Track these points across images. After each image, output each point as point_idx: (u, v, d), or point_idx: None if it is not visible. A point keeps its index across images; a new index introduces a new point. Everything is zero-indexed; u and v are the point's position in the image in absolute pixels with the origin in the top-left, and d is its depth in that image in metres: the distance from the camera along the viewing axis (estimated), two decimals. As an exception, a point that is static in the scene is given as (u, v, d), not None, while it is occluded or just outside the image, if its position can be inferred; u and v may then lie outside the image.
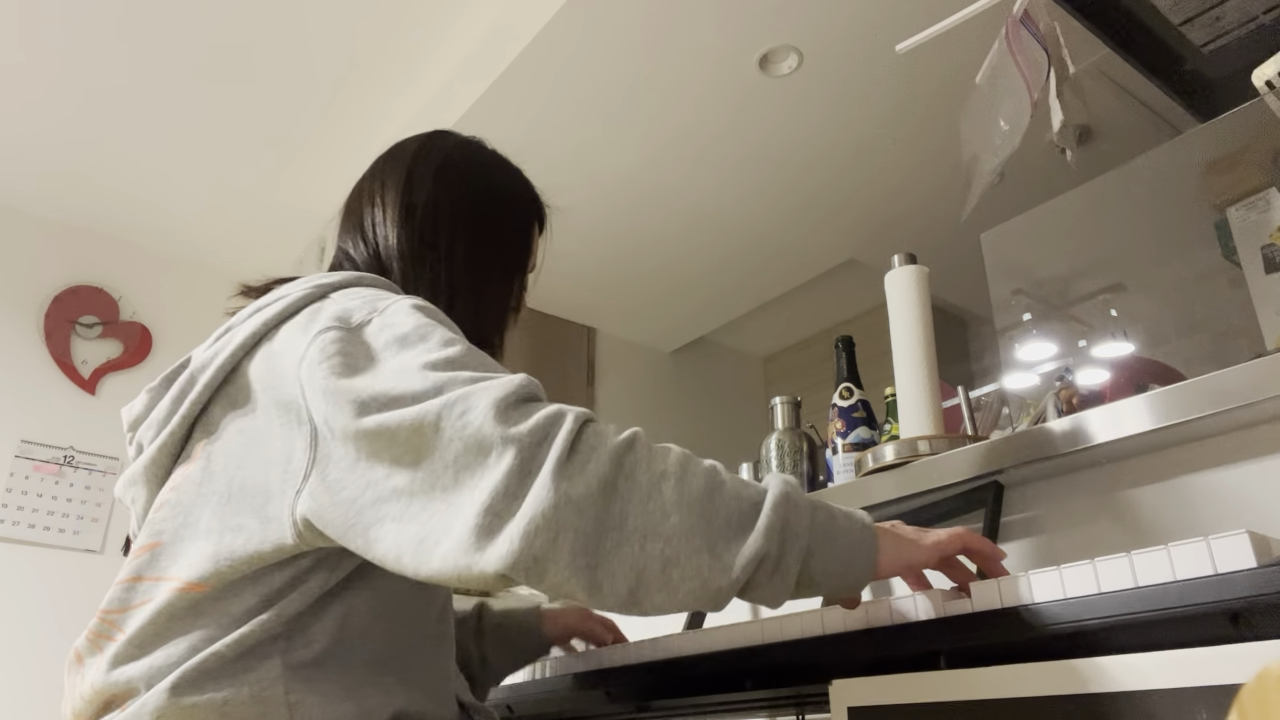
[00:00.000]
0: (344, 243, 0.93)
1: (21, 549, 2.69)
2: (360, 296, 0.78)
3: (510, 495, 0.61)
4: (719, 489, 0.65)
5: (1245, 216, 1.56)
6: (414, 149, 0.96)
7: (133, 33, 2.32)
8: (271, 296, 0.80)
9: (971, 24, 1.27)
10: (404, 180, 0.92)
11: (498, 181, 0.97)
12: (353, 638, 0.73)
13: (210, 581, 0.71)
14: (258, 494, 0.72)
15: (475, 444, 0.63)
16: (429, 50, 2.42)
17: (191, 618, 0.71)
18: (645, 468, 0.64)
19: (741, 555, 0.63)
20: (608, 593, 0.61)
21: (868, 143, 2.63)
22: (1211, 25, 1.45)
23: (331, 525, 0.67)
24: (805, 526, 0.66)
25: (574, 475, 0.62)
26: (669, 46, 2.21)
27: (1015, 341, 1.98)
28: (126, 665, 0.71)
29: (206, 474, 0.76)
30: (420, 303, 0.76)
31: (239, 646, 0.69)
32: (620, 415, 3.61)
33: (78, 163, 2.79)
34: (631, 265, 3.20)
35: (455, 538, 0.62)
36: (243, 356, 0.78)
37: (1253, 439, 0.89)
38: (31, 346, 2.87)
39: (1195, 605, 0.55)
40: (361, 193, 0.95)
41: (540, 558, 0.60)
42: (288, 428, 0.71)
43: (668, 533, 0.62)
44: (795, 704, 0.93)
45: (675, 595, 0.62)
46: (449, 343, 0.71)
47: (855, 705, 0.71)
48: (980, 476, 1.06)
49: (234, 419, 0.76)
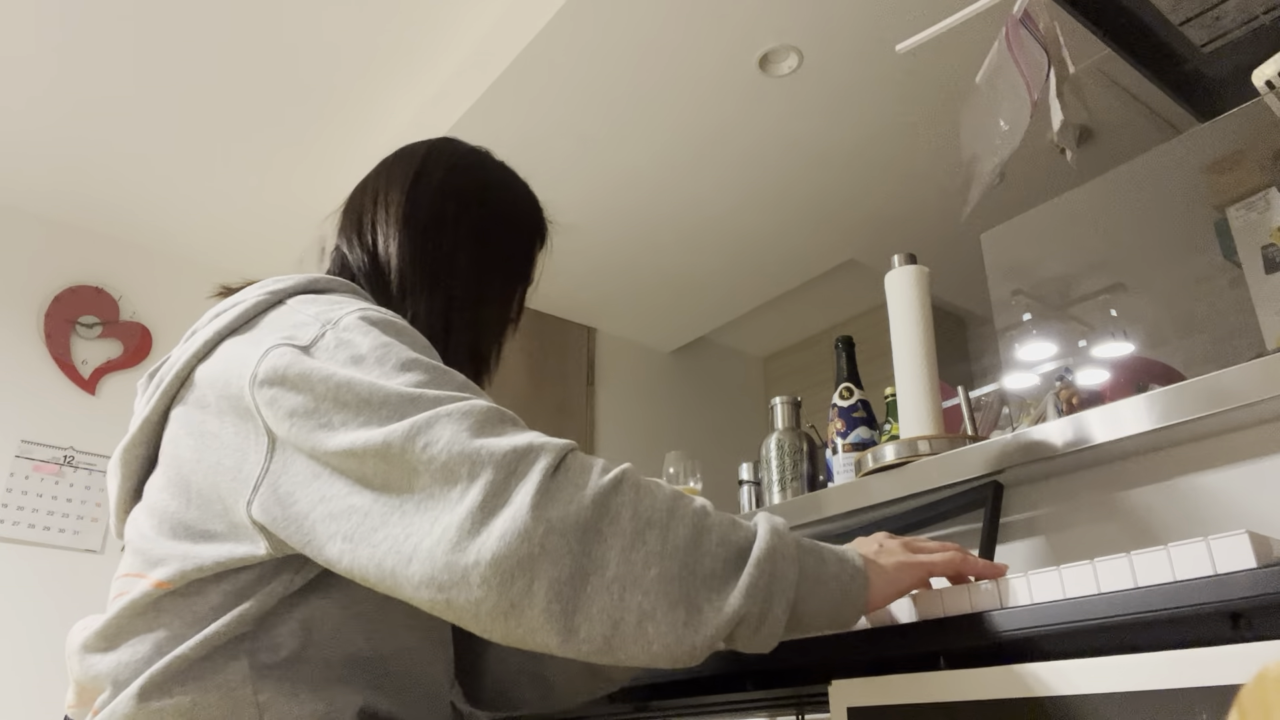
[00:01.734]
0: (341, 243, 0.91)
1: (21, 549, 2.69)
2: (314, 305, 0.75)
3: (478, 526, 0.58)
4: (705, 535, 0.63)
5: (1245, 216, 1.56)
6: (421, 154, 0.95)
7: (133, 33, 2.32)
8: (230, 302, 0.79)
9: (971, 24, 1.27)
10: (409, 186, 0.91)
11: (503, 194, 0.96)
12: (324, 639, 0.71)
13: (176, 580, 0.70)
14: (216, 502, 0.71)
15: (444, 469, 0.61)
16: (429, 51, 2.42)
17: (154, 614, 0.70)
18: (630, 514, 0.61)
19: (721, 615, 0.61)
20: (583, 638, 0.58)
21: (868, 143, 2.63)
22: (1211, 25, 1.45)
23: (288, 536, 0.66)
24: (793, 578, 0.64)
25: (552, 515, 0.59)
26: (669, 46, 2.21)
27: (1015, 341, 1.98)
28: (94, 657, 0.72)
29: (166, 479, 0.75)
30: (376, 315, 0.73)
31: (205, 647, 0.68)
32: (620, 415, 3.61)
33: (78, 162, 2.79)
34: (631, 265, 3.20)
35: (423, 570, 0.59)
36: (197, 363, 0.76)
37: (1253, 439, 0.89)
38: (31, 346, 2.87)
39: (1195, 605, 0.55)
40: (364, 194, 0.94)
41: (517, 604, 0.57)
42: (241, 435, 0.70)
43: (648, 585, 0.59)
44: (795, 704, 0.93)
45: (649, 649, 0.60)
46: (408, 364, 0.68)
47: (855, 705, 0.71)
48: (980, 476, 1.06)
49: (188, 425, 0.75)
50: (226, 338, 0.76)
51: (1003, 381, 1.86)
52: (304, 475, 0.66)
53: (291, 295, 0.78)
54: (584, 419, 3.46)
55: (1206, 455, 0.93)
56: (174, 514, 0.73)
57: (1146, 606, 0.57)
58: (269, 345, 0.71)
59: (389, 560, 0.60)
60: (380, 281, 0.87)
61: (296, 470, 0.66)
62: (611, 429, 3.53)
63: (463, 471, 0.60)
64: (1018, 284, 2.06)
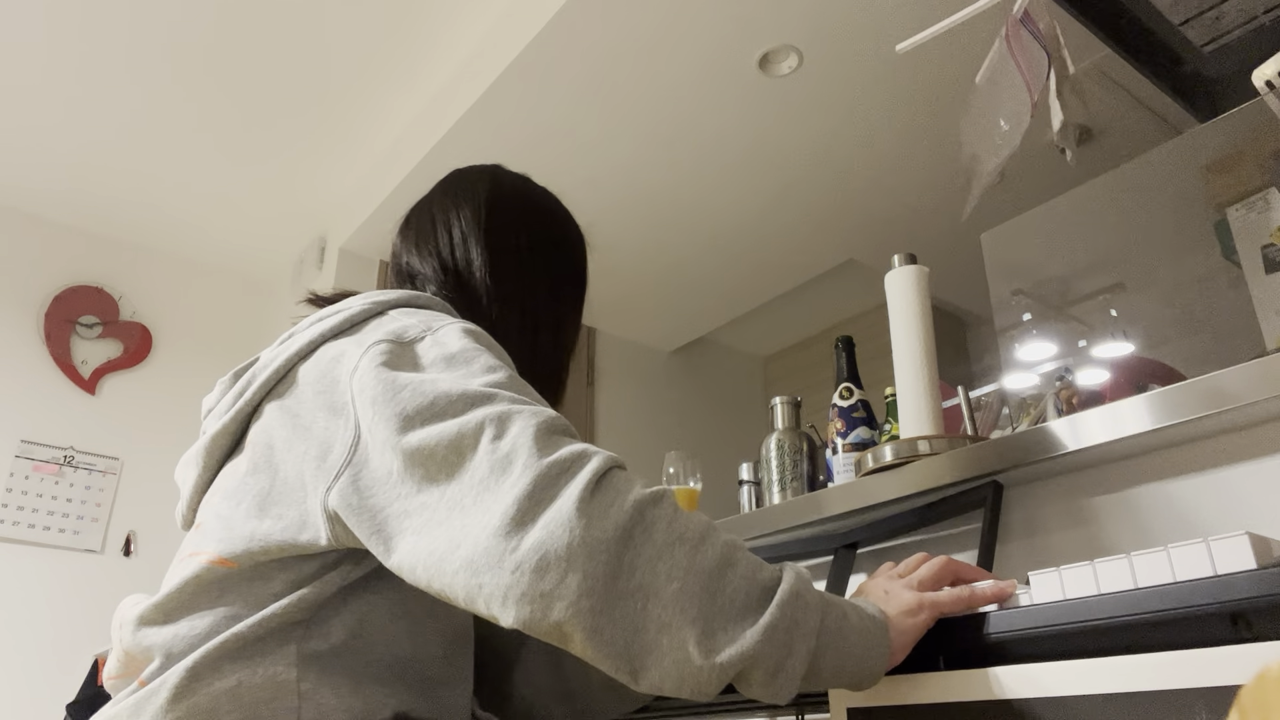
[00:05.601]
0: (412, 259, 0.96)
1: (21, 549, 2.69)
2: (416, 315, 0.81)
3: (524, 517, 0.61)
4: (732, 566, 0.63)
5: (1245, 216, 1.56)
6: (487, 178, 1.00)
7: (133, 34, 2.32)
8: (333, 309, 0.84)
9: (971, 24, 1.27)
10: (483, 207, 0.96)
11: (560, 217, 1.03)
12: (371, 635, 0.74)
13: (242, 560, 0.73)
14: (297, 488, 0.74)
15: (502, 464, 0.64)
16: (429, 52, 2.42)
17: (218, 593, 0.73)
18: (665, 526, 0.63)
19: (735, 647, 0.61)
20: (607, 640, 0.60)
21: (868, 143, 2.63)
22: (1211, 25, 1.45)
23: (358, 527, 0.69)
24: (814, 626, 0.64)
25: (594, 515, 0.61)
26: (668, 46, 2.21)
27: (1015, 341, 1.98)
28: (149, 629, 0.73)
29: (252, 464, 0.78)
30: (472, 327, 0.78)
31: (261, 628, 0.70)
32: (620, 415, 3.61)
33: (78, 163, 2.79)
34: (631, 265, 3.20)
35: (465, 554, 0.62)
36: (298, 361, 0.81)
37: (1253, 439, 0.89)
38: (31, 346, 2.87)
39: (1195, 606, 0.55)
40: (431, 213, 0.98)
41: (549, 593, 0.59)
42: (332, 428, 0.73)
43: (668, 598, 0.60)
44: (795, 704, 0.93)
45: (662, 664, 0.60)
46: (493, 368, 0.73)
47: (855, 706, 0.72)
48: (980, 476, 1.06)
49: (283, 416, 0.78)
50: (329, 339, 0.81)
51: (1003, 381, 1.86)
52: (382, 471, 0.69)
53: (394, 307, 0.83)
54: (584, 419, 3.46)
55: (1206, 455, 0.93)
56: (256, 493, 0.76)
57: (1146, 607, 0.57)
58: (375, 340, 0.75)
59: (440, 547, 0.63)
60: (466, 296, 0.92)
61: (376, 465, 0.69)
62: (611, 429, 3.53)
63: (519, 464, 0.63)
64: (1018, 284, 2.06)
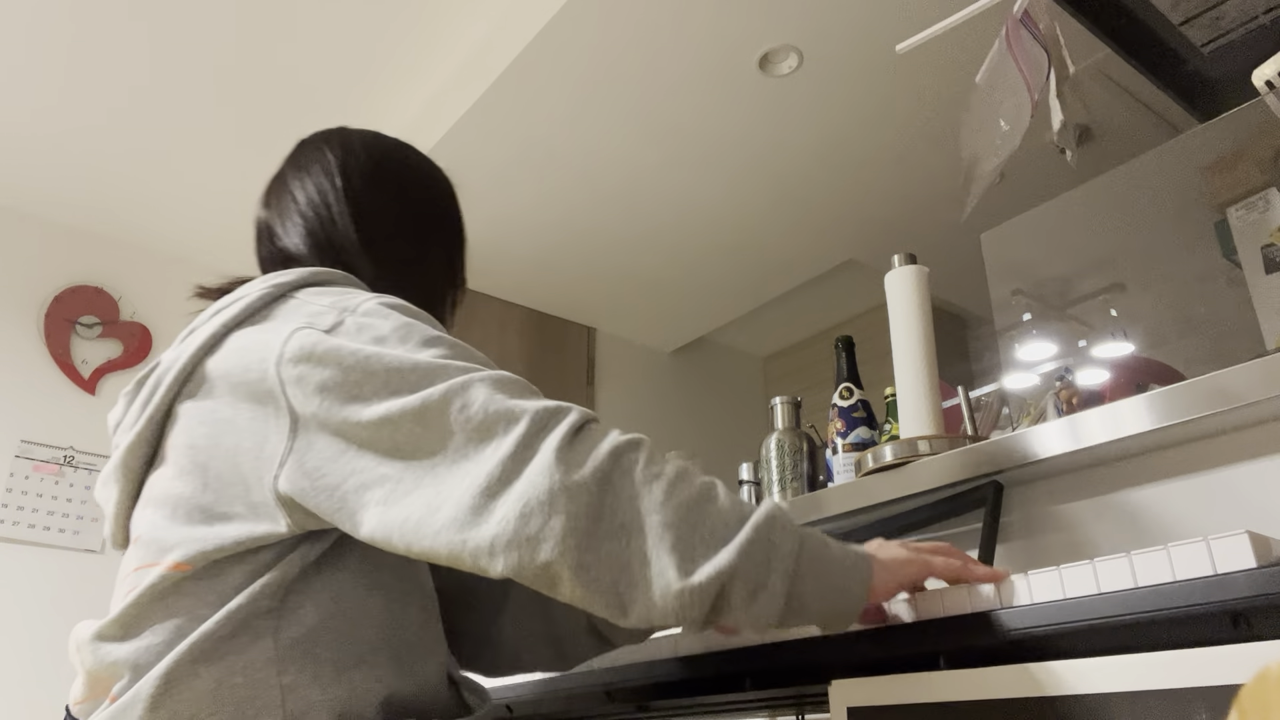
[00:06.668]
0: (280, 232, 0.92)
1: (21, 549, 2.69)
2: (326, 295, 0.78)
3: (507, 475, 0.63)
4: (710, 501, 0.65)
5: (1245, 216, 1.56)
6: (335, 140, 0.96)
7: (133, 34, 2.32)
8: (231, 298, 0.81)
9: (971, 24, 1.27)
10: (338, 171, 0.92)
11: (416, 164, 0.99)
12: (348, 611, 0.73)
13: (196, 561, 0.71)
14: (236, 483, 0.72)
15: (480, 431, 0.65)
16: (428, 51, 2.42)
17: (175, 598, 0.71)
18: (643, 468, 0.65)
19: (714, 565, 0.62)
20: (594, 578, 0.62)
21: (868, 143, 2.63)
22: (1211, 25, 1.45)
23: (319, 507, 0.69)
24: (792, 549, 0.64)
25: (572, 463, 0.63)
26: (669, 46, 2.21)
27: (1015, 341, 1.98)
28: (110, 645, 0.71)
29: (177, 469, 0.76)
30: (389, 300, 0.77)
31: (230, 623, 0.69)
32: (620, 415, 3.61)
33: (79, 163, 2.79)
34: (631, 265, 3.20)
35: (448, 515, 0.63)
36: (204, 356, 0.78)
37: (1253, 439, 0.89)
38: (31, 346, 2.87)
39: (1195, 606, 0.55)
40: (289, 187, 0.94)
41: (534, 537, 0.61)
42: (259, 419, 0.72)
43: (650, 532, 0.63)
44: (795, 704, 0.93)
45: (650, 595, 0.62)
46: (430, 340, 0.72)
47: (855, 705, 0.72)
48: (980, 476, 1.06)
49: (199, 414, 0.76)
50: (234, 330, 0.78)
51: (1003, 381, 1.86)
52: (331, 451, 0.68)
53: (298, 288, 0.80)
54: (584, 419, 3.45)
55: (1206, 455, 0.93)
56: (189, 499, 0.74)
57: (1146, 606, 0.57)
58: (294, 328, 0.73)
59: (416, 513, 0.64)
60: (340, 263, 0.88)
61: (322, 447, 0.69)
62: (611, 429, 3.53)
63: (499, 428, 0.64)
64: (1018, 284, 2.06)
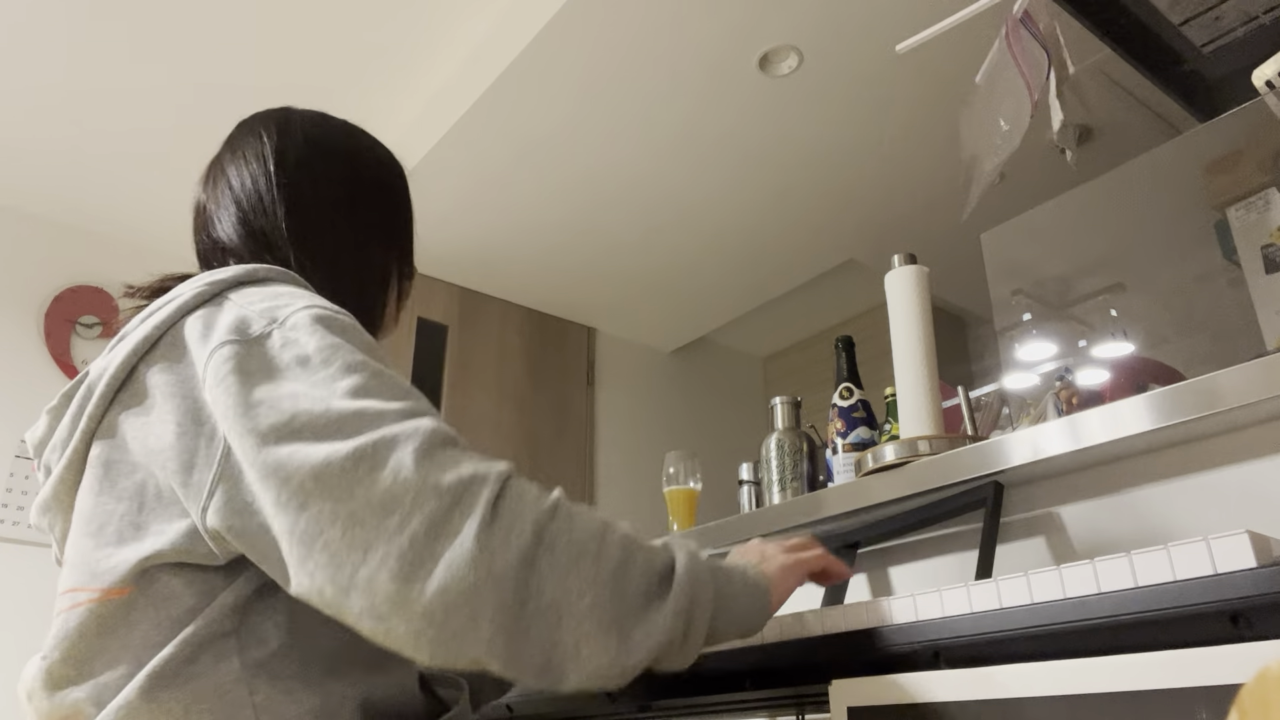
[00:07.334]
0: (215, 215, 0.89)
1: (21, 549, 2.69)
2: (259, 299, 0.73)
3: (421, 559, 0.58)
4: (631, 562, 0.65)
5: (1245, 216, 1.56)
6: (274, 122, 0.93)
7: (133, 34, 2.32)
8: (164, 300, 0.77)
9: (971, 24, 1.27)
10: (272, 157, 0.89)
11: (362, 149, 0.95)
12: (309, 628, 0.70)
13: (138, 582, 0.67)
14: (171, 501, 0.69)
15: (385, 502, 0.59)
16: (429, 51, 2.42)
17: (126, 627, 0.67)
18: (566, 541, 0.62)
19: (651, 639, 0.63)
20: (525, 661, 0.60)
21: (868, 143, 2.63)
22: (1211, 25, 1.45)
23: (248, 551, 0.65)
24: (710, 597, 0.68)
25: (496, 547, 0.59)
26: (669, 46, 2.21)
27: (1015, 341, 1.98)
28: (68, 689, 0.67)
29: (108, 480, 0.72)
30: (322, 312, 0.71)
31: (189, 646, 0.66)
32: (620, 415, 3.61)
33: (78, 163, 2.79)
34: (631, 265, 3.20)
35: (364, 605, 0.58)
36: (137, 362, 0.74)
37: (1253, 439, 0.89)
38: (32, 346, 2.87)
39: (1195, 605, 0.55)
40: (225, 172, 0.91)
41: (459, 633, 0.58)
42: (190, 436, 0.68)
43: (582, 612, 0.61)
44: (795, 704, 0.93)
45: (583, 670, 0.61)
46: (353, 367, 0.66)
47: (855, 705, 0.72)
48: (980, 476, 1.06)
49: (131, 424, 0.72)
50: (167, 333, 0.74)
51: (1003, 381, 1.86)
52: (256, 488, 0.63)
53: (231, 289, 0.76)
54: (584, 419, 3.46)
55: (1206, 455, 0.93)
56: (123, 516, 0.70)
57: (1147, 606, 0.57)
58: (216, 343, 0.69)
59: (329, 591, 0.59)
60: (273, 255, 0.85)
61: (251, 480, 0.64)
62: (611, 429, 3.53)
63: (406, 500, 0.59)
64: (1018, 284, 2.06)
